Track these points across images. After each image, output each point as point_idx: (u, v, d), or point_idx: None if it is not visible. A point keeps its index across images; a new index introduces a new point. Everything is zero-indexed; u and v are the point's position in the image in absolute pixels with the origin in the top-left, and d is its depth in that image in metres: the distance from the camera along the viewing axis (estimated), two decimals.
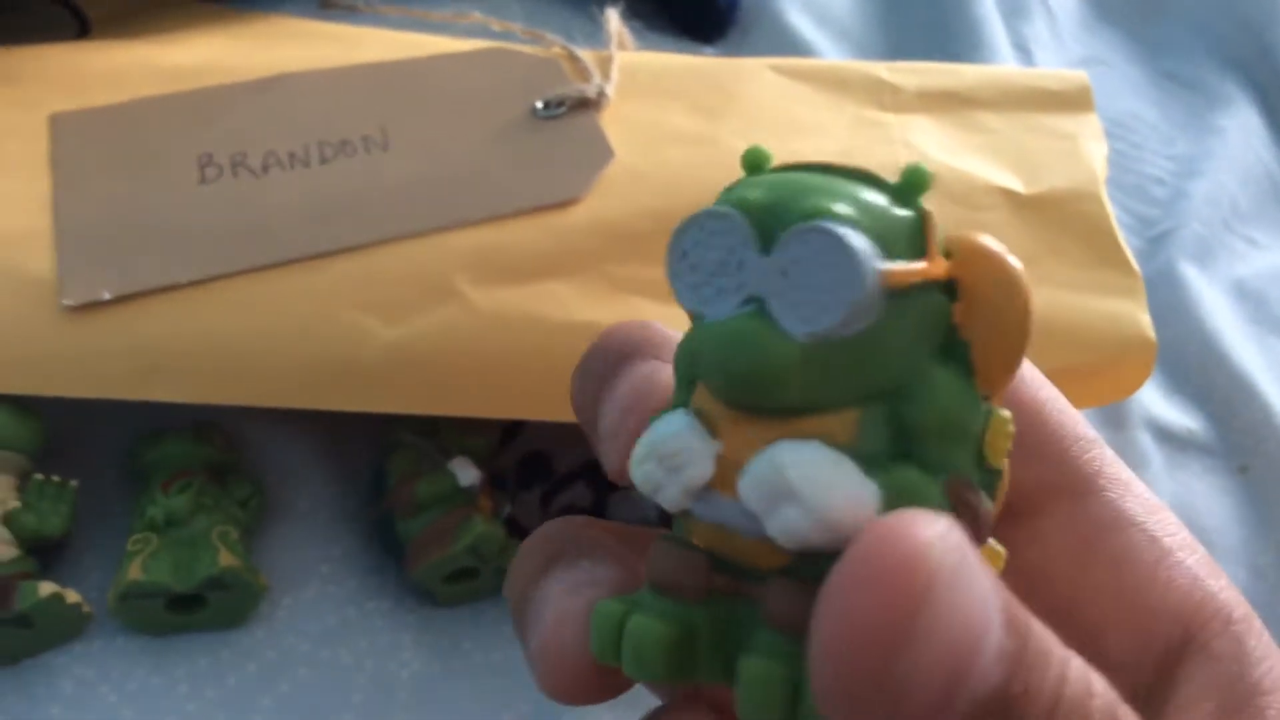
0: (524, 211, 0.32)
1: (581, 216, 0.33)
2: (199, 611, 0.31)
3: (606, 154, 0.34)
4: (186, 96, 0.35)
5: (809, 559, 0.14)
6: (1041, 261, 0.34)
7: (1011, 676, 0.12)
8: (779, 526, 0.14)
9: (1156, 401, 0.43)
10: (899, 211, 0.15)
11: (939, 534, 0.12)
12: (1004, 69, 0.50)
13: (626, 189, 0.33)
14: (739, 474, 0.14)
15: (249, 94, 0.36)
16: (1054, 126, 0.38)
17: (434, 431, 0.34)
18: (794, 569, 0.15)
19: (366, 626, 0.33)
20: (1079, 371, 0.33)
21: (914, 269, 0.14)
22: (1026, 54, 0.55)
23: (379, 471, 0.34)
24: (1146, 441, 0.41)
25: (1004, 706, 0.12)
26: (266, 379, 0.30)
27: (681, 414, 0.16)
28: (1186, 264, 0.47)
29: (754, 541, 0.15)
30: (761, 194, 0.15)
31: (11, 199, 0.32)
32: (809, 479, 0.14)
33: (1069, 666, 0.13)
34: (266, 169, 0.33)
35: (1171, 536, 0.18)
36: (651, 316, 0.31)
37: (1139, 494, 0.18)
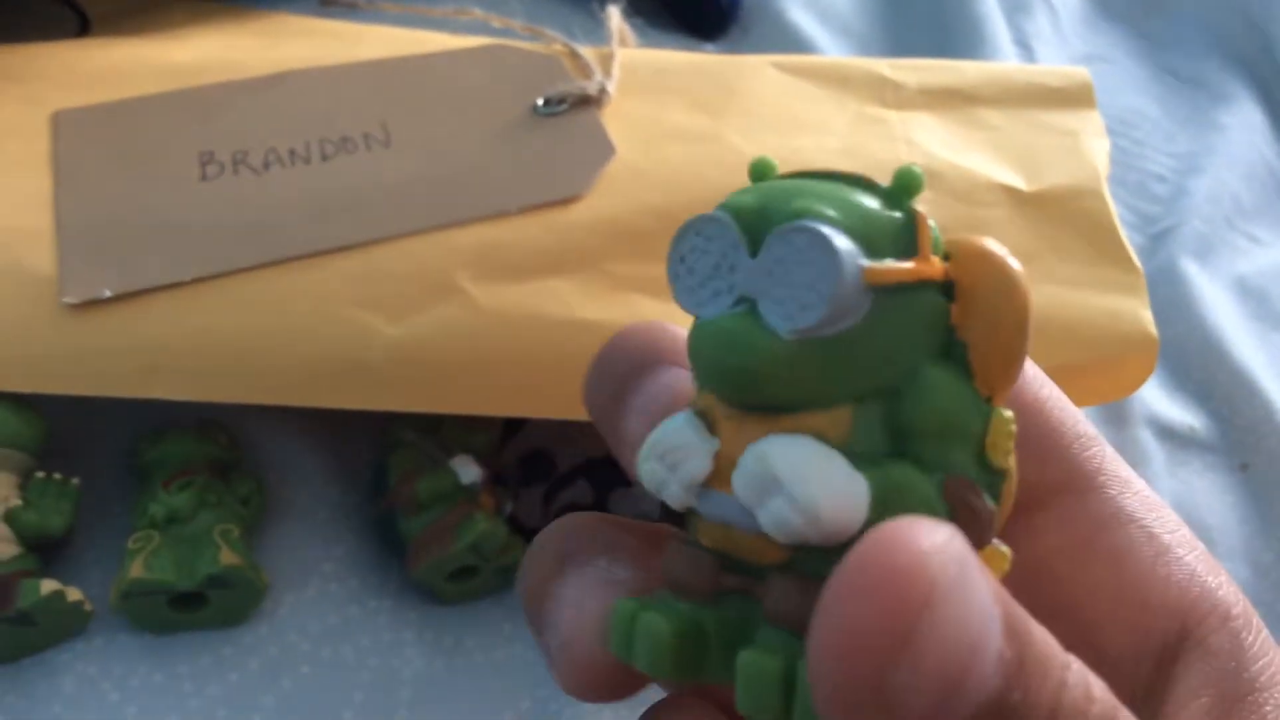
0: (525, 209, 0.32)
1: (583, 214, 0.33)
2: (201, 609, 0.31)
3: (608, 151, 0.34)
4: (187, 94, 0.35)
5: (808, 555, 0.14)
6: (1043, 258, 0.34)
7: (1010, 684, 0.12)
8: (769, 518, 0.14)
9: (1158, 399, 0.43)
10: (888, 213, 0.15)
11: (939, 543, 0.12)
12: (1006, 66, 0.50)
13: (628, 186, 0.33)
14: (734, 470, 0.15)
15: (250, 91, 0.36)
16: (1056, 123, 0.38)
17: (435, 429, 0.34)
18: (793, 565, 0.15)
19: (368, 624, 0.33)
20: (1081, 369, 0.33)
21: (900, 268, 0.14)
22: (1028, 50, 0.55)
23: (380, 469, 0.34)
24: (1148, 439, 0.41)
25: (1002, 713, 0.12)
26: (268, 377, 0.30)
27: (683, 413, 0.16)
28: (1188, 261, 0.47)
29: (754, 537, 0.15)
30: (753, 199, 0.15)
31: (12, 196, 0.32)
32: (793, 470, 0.14)
33: (1068, 672, 0.13)
34: (268, 166, 0.33)
35: (1171, 533, 0.18)
36: (653, 314, 0.31)
37: (1139, 491, 0.18)
